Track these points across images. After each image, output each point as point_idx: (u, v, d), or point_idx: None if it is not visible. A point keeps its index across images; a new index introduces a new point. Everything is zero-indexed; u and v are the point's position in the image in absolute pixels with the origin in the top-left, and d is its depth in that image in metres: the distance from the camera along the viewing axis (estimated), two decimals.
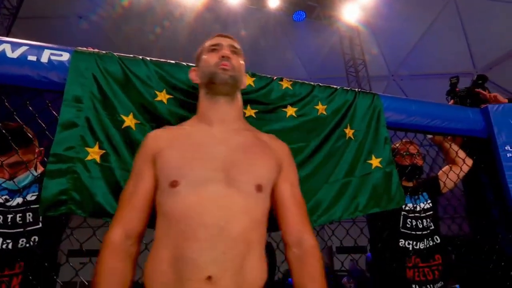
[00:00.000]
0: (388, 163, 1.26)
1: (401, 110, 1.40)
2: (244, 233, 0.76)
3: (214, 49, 0.96)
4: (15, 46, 1.02)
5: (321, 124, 1.22)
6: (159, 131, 0.93)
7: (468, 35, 6.96)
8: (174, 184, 0.78)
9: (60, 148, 0.93)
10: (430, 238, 1.51)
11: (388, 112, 1.36)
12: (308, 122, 1.21)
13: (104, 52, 1.08)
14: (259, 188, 0.83)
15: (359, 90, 1.36)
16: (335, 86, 1.33)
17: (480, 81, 1.58)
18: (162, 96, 1.07)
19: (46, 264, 1.20)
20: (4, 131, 1.15)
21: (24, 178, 1.26)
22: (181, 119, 1.07)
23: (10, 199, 1.25)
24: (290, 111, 1.19)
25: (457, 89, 1.62)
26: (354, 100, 1.31)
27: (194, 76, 1.01)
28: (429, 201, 1.59)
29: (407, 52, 7.33)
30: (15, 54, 1.01)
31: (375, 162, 1.25)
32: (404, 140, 1.61)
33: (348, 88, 1.35)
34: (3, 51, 1.00)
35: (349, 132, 1.26)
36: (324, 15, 6.34)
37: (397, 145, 1.65)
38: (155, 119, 1.05)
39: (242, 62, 0.99)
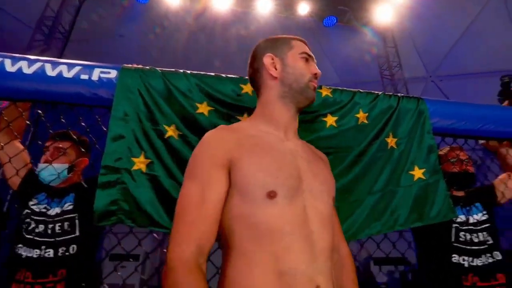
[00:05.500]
0: (432, 173, 1.18)
1: (449, 114, 1.31)
2: (332, 244, 0.79)
3: (306, 58, 0.92)
4: (70, 66, 1.11)
5: (362, 133, 1.18)
6: (225, 132, 0.84)
7: None
8: (272, 194, 0.74)
9: (110, 160, 0.99)
10: (488, 254, 1.36)
11: (435, 118, 1.28)
12: (348, 131, 1.17)
13: (148, 67, 1.13)
14: (333, 199, 0.88)
15: (402, 95, 1.30)
16: (377, 92, 1.28)
17: None
18: (203, 108, 1.09)
19: (86, 270, 1.26)
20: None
21: (60, 167, 1.32)
22: None
23: (50, 208, 1.32)
24: (330, 120, 1.16)
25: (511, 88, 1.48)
26: (397, 106, 1.25)
27: (270, 66, 0.90)
28: (484, 212, 1.45)
29: (446, 50, 6.90)
30: (70, 74, 1.09)
31: (417, 173, 1.18)
32: (452, 146, 1.50)
33: (391, 94, 1.29)
34: (60, 72, 1.09)
35: (391, 141, 1.20)
36: (356, 19, 6.19)
37: (444, 151, 1.54)
38: (197, 131, 1.07)
39: None
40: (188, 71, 1.15)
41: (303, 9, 5.99)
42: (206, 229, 0.72)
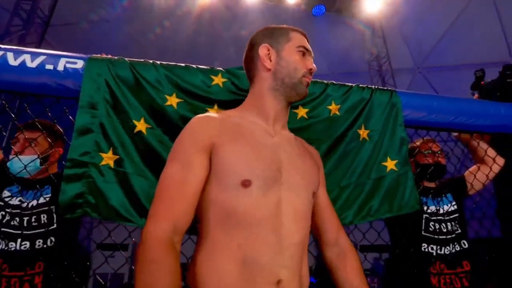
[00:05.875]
0: (403, 165, 1.20)
1: (421, 107, 1.32)
2: (304, 239, 0.78)
3: (302, 52, 0.90)
4: (34, 55, 1.07)
5: (333, 125, 1.18)
6: (211, 118, 0.84)
7: (503, 22, 6.47)
8: (246, 183, 0.74)
9: (76, 154, 0.97)
10: (456, 243, 1.41)
11: (407, 110, 1.29)
12: (319, 123, 1.17)
13: (116, 57, 1.10)
14: (314, 195, 0.87)
15: (376, 87, 1.30)
16: (350, 84, 1.28)
17: (508, 72, 1.45)
18: (172, 100, 1.08)
19: (65, 262, 1.25)
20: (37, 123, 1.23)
21: (29, 158, 1.25)
22: None
23: (25, 200, 1.30)
24: (301, 112, 1.16)
25: (482, 82, 1.50)
26: (370, 98, 1.25)
27: (265, 57, 0.89)
28: (453, 203, 1.49)
29: (434, 42, 6.95)
30: (34, 64, 1.06)
31: (390, 164, 1.20)
32: (425, 138, 1.53)
33: (365, 86, 1.29)
34: (23, 62, 1.05)
35: (363, 133, 1.21)
36: (344, 8, 6.15)
37: (418, 143, 1.56)
38: (165, 123, 1.06)
39: None
40: (158, 62, 1.12)
41: None
42: (183, 208, 0.72)
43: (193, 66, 1.14)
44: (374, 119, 1.23)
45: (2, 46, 1.07)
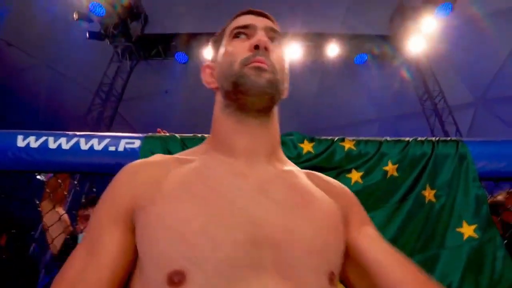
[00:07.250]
0: (486, 229, 1.00)
1: (499, 156, 1.13)
2: None
3: (241, 33, 0.60)
4: (100, 139, 1.20)
5: (392, 188, 1.06)
6: (144, 165, 0.55)
7: None
8: (176, 280, 0.41)
9: None
10: None
11: (481, 161, 1.12)
12: (375, 187, 1.07)
13: (168, 134, 1.19)
14: (332, 278, 0.48)
15: (438, 138, 1.18)
16: (407, 139, 1.17)
17: None
18: None
19: None
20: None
21: None
22: None
23: None
24: (355, 176, 1.08)
25: None
26: (432, 152, 1.12)
27: (208, 77, 0.65)
28: None
29: (495, 70, 6.40)
30: (100, 147, 1.18)
31: (467, 230, 1.00)
32: (510, 190, 1.28)
33: (424, 139, 1.17)
34: (92, 146, 1.19)
35: (429, 194, 1.06)
36: (387, 52, 6.13)
37: (500, 197, 1.32)
38: None
39: (284, 56, 0.61)
40: (206, 134, 1.17)
41: (332, 51, 6.11)
42: None
43: None
44: (441, 177, 1.08)
45: (77, 133, 1.23)
